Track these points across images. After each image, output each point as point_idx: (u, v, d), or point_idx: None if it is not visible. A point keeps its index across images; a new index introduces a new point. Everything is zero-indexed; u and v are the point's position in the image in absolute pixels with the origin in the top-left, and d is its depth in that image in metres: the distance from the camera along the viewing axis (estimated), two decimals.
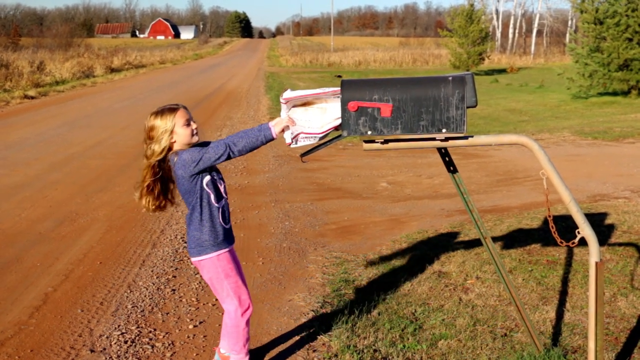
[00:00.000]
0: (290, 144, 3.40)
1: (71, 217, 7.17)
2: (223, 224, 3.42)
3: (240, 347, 3.52)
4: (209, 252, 3.40)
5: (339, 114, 3.28)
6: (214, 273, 3.44)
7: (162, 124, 3.29)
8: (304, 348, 4.05)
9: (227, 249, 3.45)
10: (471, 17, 36.26)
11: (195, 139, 3.34)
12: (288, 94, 3.36)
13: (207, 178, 3.34)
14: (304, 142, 3.39)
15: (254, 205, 7.84)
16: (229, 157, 3.25)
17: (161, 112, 3.32)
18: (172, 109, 3.33)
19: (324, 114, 3.35)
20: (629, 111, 18.20)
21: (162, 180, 3.42)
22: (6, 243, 6.26)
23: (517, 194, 8.32)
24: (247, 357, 3.58)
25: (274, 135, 3.30)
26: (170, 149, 3.32)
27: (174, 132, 3.29)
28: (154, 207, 3.48)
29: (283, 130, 3.33)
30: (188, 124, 3.31)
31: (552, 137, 13.46)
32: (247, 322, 3.52)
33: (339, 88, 3.25)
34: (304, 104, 3.38)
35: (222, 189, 3.43)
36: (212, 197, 3.36)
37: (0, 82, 22.78)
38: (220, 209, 3.40)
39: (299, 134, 3.37)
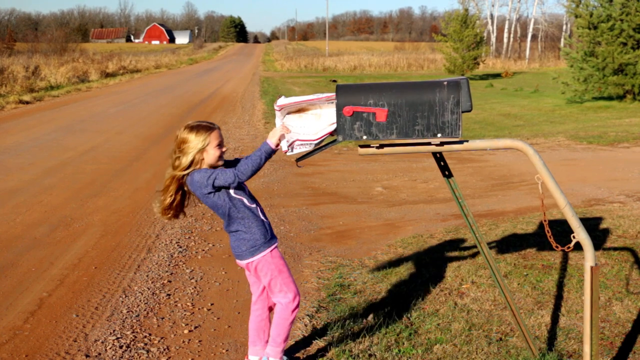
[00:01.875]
0: (286, 152, 3.42)
1: (66, 222, 7.15)
2: (266, 220, 3.52)
3: (281, 340, 3.58)
4: (262, 250, 3.47)
5: (334, 120, 3.29)
6: (269, 269, 3.49)
7: (195, 140, 3.31)
8: (300, 353, 4.05)
9: (276, 244, 3.55)
10: (466, 21, 36.34)
11: (221, 162, 3.40)
12: (282, 101, 3.36)
13: (233, 190, 3.40)
14: (300, 149, 3.41)
15: None
16: (236, 183, 3.32)
17: (197, 127, 3.34)
18: (208, 128, 3.35)
19: (318, 120, 3.36)
20: (623, 116, 18.26)
21: (182, 192, 3.47)
22: (1, 248, 6.23)
23: (512, 199, 8.34)
24: (282, 354, 3.64)
25: (273, 147, 3.34)
26: (197, 165, 3.36)
27: (205, 150, 3.32)
28: (169, 215, 3.51)
29: (280, 140, 3.37)
30: (220, 146, 3.36)
31: (547, 141, 13.50)
32: (294, 320, 3.59)
33: (333, 94, 3.25)
34: (298, 111, 3.39)
35: (246, 190, 3.50)
36: (246, 200, 3.43)
37: None
38: (258, 208, 3.49)
39: (294, 141, 3.39)
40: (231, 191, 3.38)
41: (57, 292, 5.12)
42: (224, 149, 3.39)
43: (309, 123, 3.36)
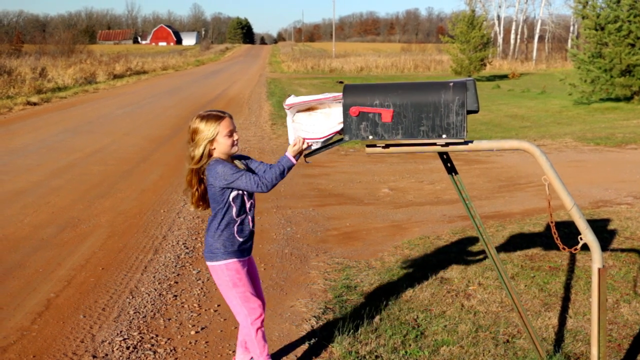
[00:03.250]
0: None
1: (73, 223, 7.18)
2: (238, 237, 3.45)
3: (259, 352, 3.54)
4: (219, 260, 3.43)
5: (342, 118, 3.32)
6: (222, 280, 3.47)
7: (205, 129, 3.31)
8: (306, 354, 4.05)
9: (236, 259, 3.46)
10: (473, 23, 36.28)
11: (235, 149, 3.39)
12: (291, 100, 3.42)
13: (235, 193, 3.39)
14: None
15: (255, 211, 7.83)
16: (257, 191, 3.34)
17: (207, 117, 3.34)
18: (217, 117, 3.34)
19: (327, 119, 3.39)
20: (631, 117, 18.19)
21: (204, 183, 3.45)
22: (9, 249, 6.26)
23: (519, 200, 8.32)
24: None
25: (294, 162, 3.40)
26: (210, 155, 3.35)
27: (215, 140, 3.32)
28: (202, 207, 3.52)
29: (301, 153, 3.43)
30: (231, 135, 3.35)
31: (554, 143, 13.46)
32: (260, 329, 3.53)
33: (339, 94, 3.30)
34: (308, 110, 3.42)
35: (247, 205, 3.48)
36: (234, 210, 3.40)
37: (3, 88, 22.84)
38: (239, 223, 3.44)
39: (303, 139, 3.43)
40: (232, 195, 3.37)
41: (65, 293, 5.14)
42: (236, 137, 3.37)
43: (318, 121, 3.39)
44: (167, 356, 4.07)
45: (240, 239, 3.46)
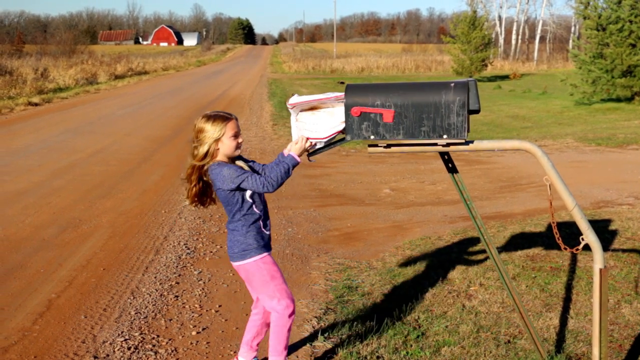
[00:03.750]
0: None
1: (74, 224, 7.18)
2: (265, 230, 3.52)
3: (281, 349, 3.56)
4: (253, 255, 3.45)
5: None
6: (259, 276, 3.48)
7: (211, 129, 3.33)
8: (307, 355, 4.05)
9: (267, 253, 3.52)
10: (474, 23, 36.28)
11: (238, 152, 3.42)
12: (294, 99, 3.44)
13: (250, 191, 3.41)
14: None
15: None
16: (263, 191, 3.36)
17: (213, 117, 3.36)
18: (225, 118, 3.37)
19: (331, 118, 3.40)
20: (632, 117, 18.18)
21: (203, 182, 3.47)
22: (10, 249, 6.26)
23: (520, 200, 8.31)
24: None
25: (299, 160, 3.42)
26: (213, 156, 3.37)
27: (221, 140, 3.33)
28: (195, 203, 3.53)
29: (307, 151, 3.45)
30: (236, 137, 3.37)
31: (555, 143, 13.45)
32: (291, 326, 3.57)
33: (342, 93, 3.31)
34: (311, 109, 3.44)
35: (262, 198, 3.52)
36: (255, 206, 3.45)
37: (5, 89, 22.86)
38: (264, 217, 3.50)
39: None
40: (247, 194, 3.40)
41: (66, 293, 5.14)
42: (240, 140, 3.40)
43: (321, 120, 3.41)
44: (169, 357, 4.07)
45: (267, 232, 3.53)
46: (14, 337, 4.36)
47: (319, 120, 3.41)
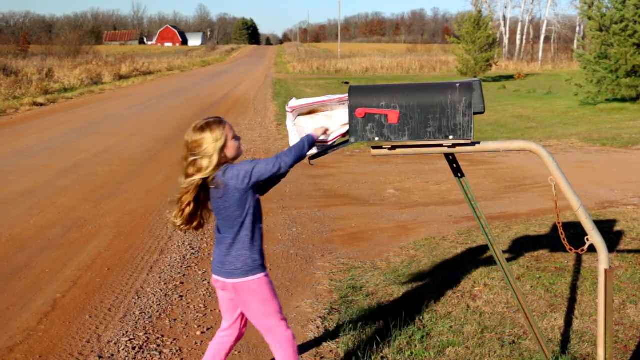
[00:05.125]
0: None
1: (79, 224, 7.20)
2: (262, 245, 3.27)
3: None
4: (258, 272, 3.17)
5: (344, 120, 3.31)
6: (262, 295, 3.18)
7: (212, 137, 3.06)
8: (311, 355, 4.05)
9: (267, 271, 3.26)
10: (479, 23, 36.22)
11: (240, 152, 3.19)
12: (294, 102, 3.39)
13: (258, 199, 3.19)
14: (312, 151, 3.40)
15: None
16: (278, 171, 3.09)
17: (207, 125, 3.09)
18: (219, 122, 3.12)
19: (329, 121, 3.37)
20: (637, 118, 18.12)
21: (199, 200, 3.17)
22: (15, 249, 6.28)
23: (525, 201, 8.30)
24: None
25: (315, 137, 3.22)
26: (220, 163, 3.08)
27: (226, 145, 3.08)
28: (187, 227, 3.23)
29: (325, 132, 3.30)
30: (235, 137, 3.15)
31: (560, 143, 13.43)
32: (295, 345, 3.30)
33: (344, 95, 3.28)
34: (310, 112, 3.40)
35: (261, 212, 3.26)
36: (258, 215, 3.20)
37: (10, 89, 22.92)
38: (261, 230, 3.26)
39: None
40: (254, 201, 3.14)
41: (71, 293, 5.15)
42: (240, 139, 3.19)
43: (319, 124, 3.37)
44: (173, 356, 4.08)
45: (262, 247, 3.26)
46: (19, 336, 4.38)
47: (317, 125, 3.38)
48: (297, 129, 3.42)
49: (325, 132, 3.32)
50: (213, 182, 3.09)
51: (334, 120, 3.36)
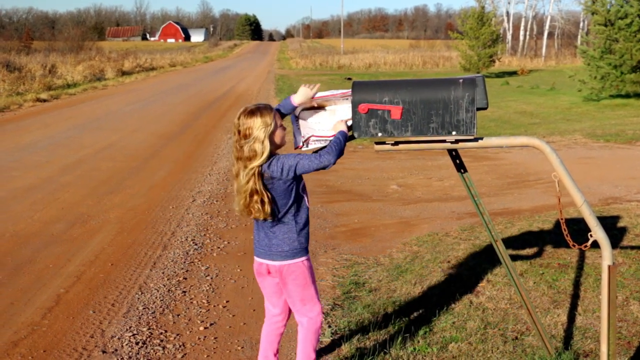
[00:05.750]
0: (301, 147, 3.42)
1: (83, 219, 7.21)
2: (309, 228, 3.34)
3: (311, 349, 3.40)
4: (302, 255, 3.25)
5: (348, 116, 3.31)
6: (302, 277, 3.26)
7: (262, 121, 3.05)
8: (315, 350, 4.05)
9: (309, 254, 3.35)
10: (482, 19, 36.11)
11: (285, 142, 3.20)
12: None
13: (302, 182, 3.23)
14: (314, 145, 3.40)
15: None
16: (323, 168, 3.12)
17: (258, 109, 3.09)
18: (268, 107, 3.11)
19: (332, 116, 3.37)
20: None
21: (264, 186, 3.13)
22: (19, 244, 6.30)
23: (528, 197, 8.29)
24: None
25: (346, 132, 3.26)
26: (270, 151, 3.09)
27: (274, 132, 3.10)
28: (269, 215, 3.16)
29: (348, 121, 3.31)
30: (282, 127, 3.17)
31: (563, 139, 13.40)
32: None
33: (348, 90, 3.28)
34: (313, 107, 3.40)
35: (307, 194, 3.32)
36: (306, 199, 3.26)
37: (13, 85, 22.95)
38: (307, 212, 3.31)
39: (310, 137, 3.40)
40: (300, 186, 3.20)
41: (74, 288, 5.17)
42: (285, 129, 3.19)
43: (323, 119, 3.37)
44: (176, 352, 4.09)
45: (308, 230, 3.33)
46: (23, 331, 4.39)
47: (320, 119, 3.38)
48: (301, 123, 3.42)
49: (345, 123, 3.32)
50: (263, 171, 3.10)
51: (337, 115, 3.36)
